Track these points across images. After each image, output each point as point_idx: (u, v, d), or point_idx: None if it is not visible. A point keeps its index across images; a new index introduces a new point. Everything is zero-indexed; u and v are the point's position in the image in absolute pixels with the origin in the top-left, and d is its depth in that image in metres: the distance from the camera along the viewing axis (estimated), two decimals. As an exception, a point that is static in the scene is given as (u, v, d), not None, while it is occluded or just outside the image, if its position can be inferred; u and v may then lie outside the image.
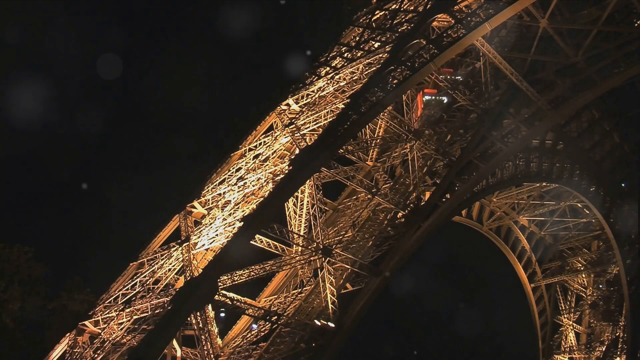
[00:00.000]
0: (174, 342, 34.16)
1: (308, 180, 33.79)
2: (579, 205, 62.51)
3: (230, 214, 34.99)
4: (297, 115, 40.34)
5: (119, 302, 34.85)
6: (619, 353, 59.56)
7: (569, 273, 67.19)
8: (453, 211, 38.82)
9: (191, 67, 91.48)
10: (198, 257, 33.88)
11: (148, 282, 35.19)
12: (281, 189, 31.90)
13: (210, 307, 28.96)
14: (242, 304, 31.45)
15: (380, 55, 38.17)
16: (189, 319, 27.65)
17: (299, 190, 39.17)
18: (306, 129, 37.80)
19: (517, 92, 41.71)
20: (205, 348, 27.84)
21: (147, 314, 32.36)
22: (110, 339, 33.25)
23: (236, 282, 32.22)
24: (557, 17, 41.69)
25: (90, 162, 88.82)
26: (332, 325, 31.95)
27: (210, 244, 34.12)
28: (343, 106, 36.97)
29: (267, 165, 37.43)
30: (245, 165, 39.13)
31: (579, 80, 43.02)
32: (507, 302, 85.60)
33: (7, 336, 38.48)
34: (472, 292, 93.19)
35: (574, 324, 66.72)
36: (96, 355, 32.53)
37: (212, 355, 27.85)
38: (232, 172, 39.42)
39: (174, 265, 34.98)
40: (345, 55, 43.63)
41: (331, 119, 36.38)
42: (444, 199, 37.38)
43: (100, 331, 34.26)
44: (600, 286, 66.94)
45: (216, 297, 28.88)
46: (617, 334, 61.07)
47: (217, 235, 34.06)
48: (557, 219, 65.59)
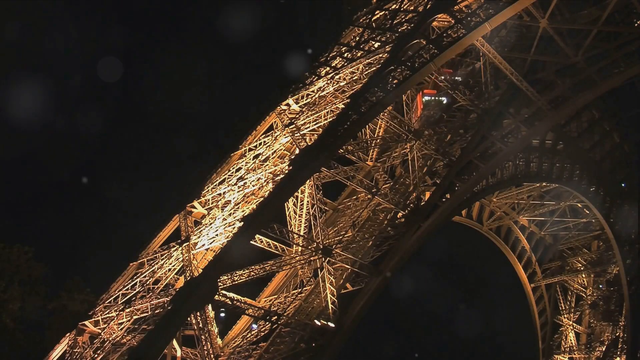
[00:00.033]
0: (174, 342, 34.15)
1: (308, 180, 33.80)
2: (579, 205, 62.48)
3: (230, 214, 34.98)
4: (297, 115, 40.33)
5: (119, 302, 34.83)
6: (619, 353, 59.53)
7: (569, 273, 67.11)
8: (453, 211, 38.82)
9: (191, 67, 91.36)
10: (198, 257, 33.88)
11: (148, 282, 35.18)
12: (281, 189, 31.90)
13: (210, 307, 28.94)
14: (242, 304, 31.44)
15: (380, 55, 38.17)
16: (189, 319, 27.64)
17: (299, 190, 39.17)
18: (306, 129, 37.80)
19: (517, 92, 41.69)
20: (205, 348, 27.83)
21: (147, 314, 32.34)
22: (110, 339, 33.23)
23: (236, 282, 32.19)
24: (557, 17, 41.67)
25: (91, 162, 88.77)
26: (332, 325, 31.93)
27: (210, 244, 34.12)
28: (343, 106, 36.97)
29: (267, 165, 37.43)
30: (245, 165, 39.13)
31: (579, 80, 43.01)
32: (507, 302, 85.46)
33: (7, 336, 38.46)
34: (472, 292, 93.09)
35: (574, 324, 66.65)
36: (96, 355, 32.52)
37: (212, 355, 27.83)
38: (232, 172, 39.41)
39: (174, 265, 34.98)
40: (345, 55, 43.63)
41: (331, 119, 36.38)
42: (444, 199, 37.37)
43: (100, 331, 34.25)
44: (600, 286, 66.87)
45: (216, 297, 28.87)
46: (617, 334, 61.03)
47: (217, 235, 34.05)
48: (557, 219, 65.55)
